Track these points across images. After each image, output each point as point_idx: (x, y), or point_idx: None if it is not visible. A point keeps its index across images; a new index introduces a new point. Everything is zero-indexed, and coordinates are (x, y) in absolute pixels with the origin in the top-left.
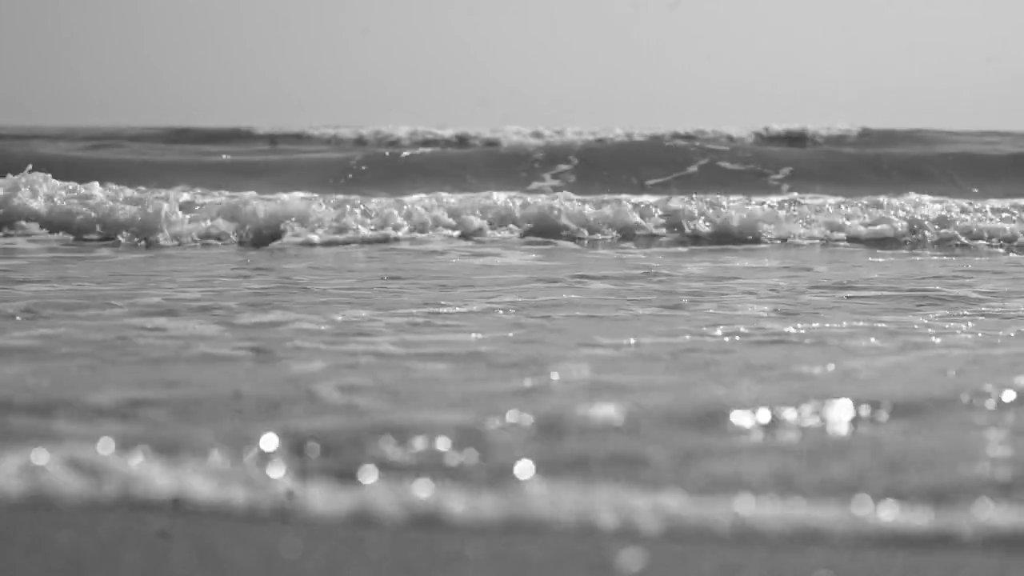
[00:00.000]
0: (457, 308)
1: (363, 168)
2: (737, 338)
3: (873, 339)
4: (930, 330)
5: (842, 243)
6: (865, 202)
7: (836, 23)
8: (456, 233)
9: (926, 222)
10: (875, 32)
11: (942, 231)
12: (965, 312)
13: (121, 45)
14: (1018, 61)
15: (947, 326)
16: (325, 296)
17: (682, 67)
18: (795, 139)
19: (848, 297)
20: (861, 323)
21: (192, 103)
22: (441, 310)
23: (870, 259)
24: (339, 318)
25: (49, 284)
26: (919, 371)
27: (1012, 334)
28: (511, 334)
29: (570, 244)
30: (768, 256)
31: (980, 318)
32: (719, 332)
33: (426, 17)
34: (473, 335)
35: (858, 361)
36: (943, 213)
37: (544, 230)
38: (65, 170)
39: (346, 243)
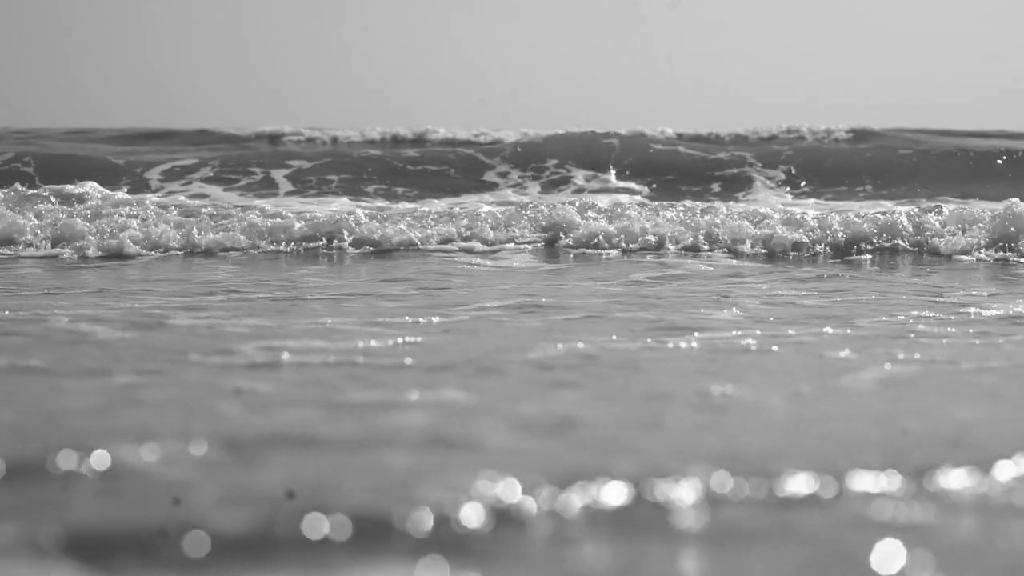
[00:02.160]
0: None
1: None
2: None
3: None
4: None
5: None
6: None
7: (835, 24)
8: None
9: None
10: (876, 32)
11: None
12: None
13: (107, 42)
14: (1018, 61)
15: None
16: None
17: (682, 67)
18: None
19: None
20: None
21: (184, 104)
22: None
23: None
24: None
25: None
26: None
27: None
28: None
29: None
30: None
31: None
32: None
33: (425, 16)
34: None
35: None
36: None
37: None
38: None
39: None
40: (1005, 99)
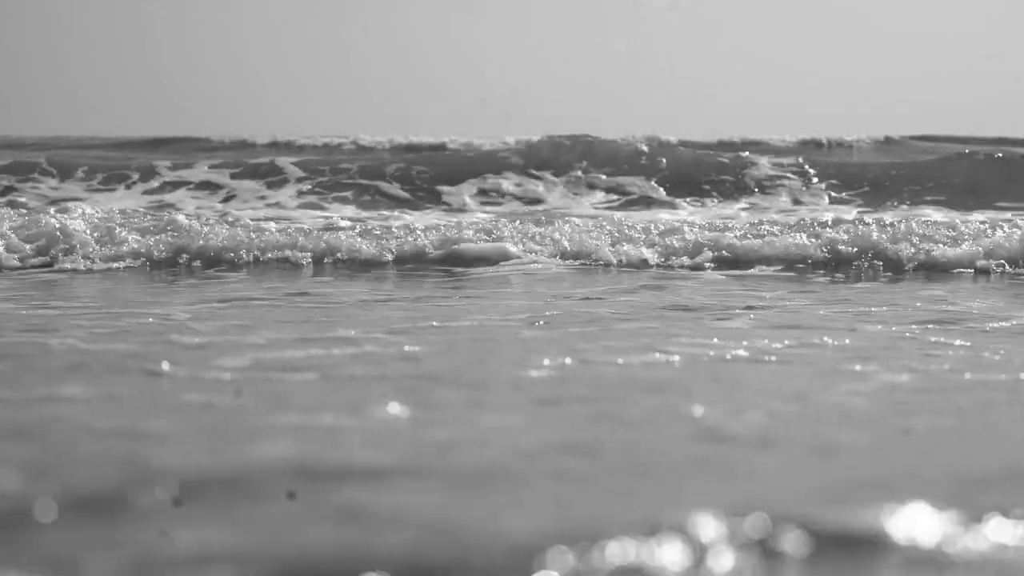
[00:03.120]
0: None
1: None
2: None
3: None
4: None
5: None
6: None
7: (835, 24)
8: None
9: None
10: (876, 32)
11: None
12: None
13: (106, 44)
14: (1018, 61)
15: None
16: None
17: (682, 67)
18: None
19: None
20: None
21: (183, 105)
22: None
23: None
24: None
25: None
26: None
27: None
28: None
29: None
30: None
31: None
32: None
33: (425, 16)
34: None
35: None
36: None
37: None
38: None
39: None
40: (1005, 99)
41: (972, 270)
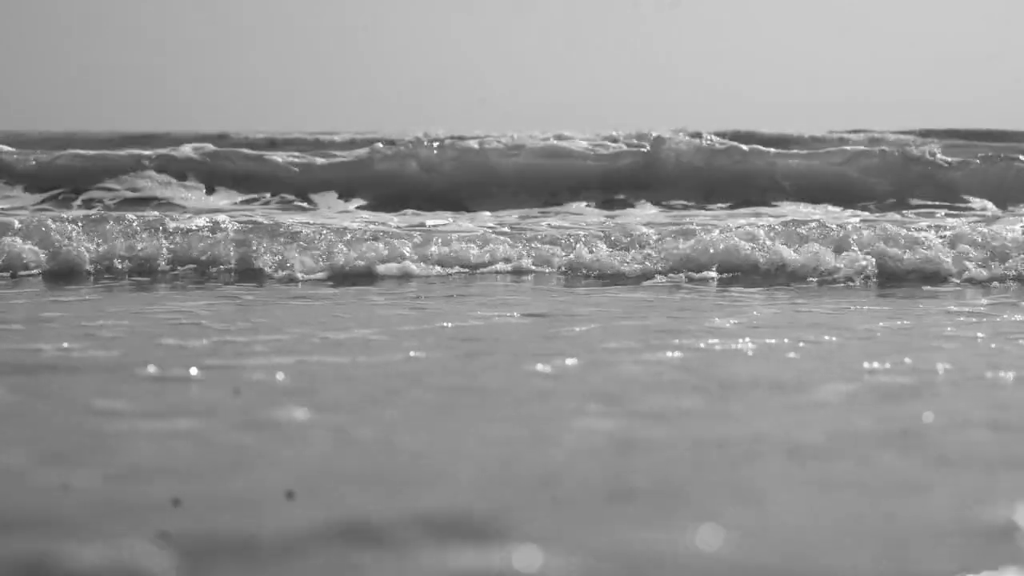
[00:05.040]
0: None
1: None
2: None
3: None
4: None
5: None
6: None
7: (835, 24)
8: None
9: None
10: (876, 32)
11: None
12: None
13: (106, 43)
14: (1018, 61)
15: None
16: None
17: (682, 67)
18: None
19: None
20: None
21: (184, 105)
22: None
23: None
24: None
25: None
26: None
27: None
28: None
29: None
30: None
31: None
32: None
33: (425, 16)
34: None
35: None
36: None
37: None
38: None
39: None
40: (1005, 99)
41: None
